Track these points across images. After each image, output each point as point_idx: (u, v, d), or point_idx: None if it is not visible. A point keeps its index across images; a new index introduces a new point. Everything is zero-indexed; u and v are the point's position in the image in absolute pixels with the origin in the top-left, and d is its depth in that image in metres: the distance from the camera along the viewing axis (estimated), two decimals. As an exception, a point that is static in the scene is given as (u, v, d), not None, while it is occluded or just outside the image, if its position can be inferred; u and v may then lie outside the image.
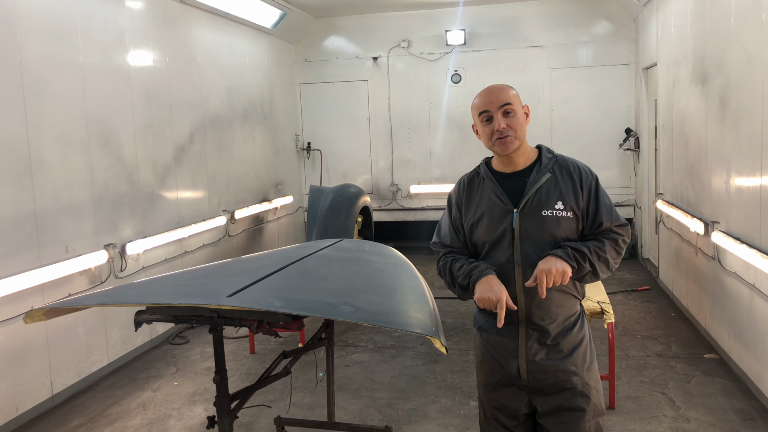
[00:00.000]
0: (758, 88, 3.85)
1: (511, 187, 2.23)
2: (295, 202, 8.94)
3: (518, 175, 2.24)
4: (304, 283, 2.66)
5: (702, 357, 4.77)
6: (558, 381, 2.21)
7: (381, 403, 4.20)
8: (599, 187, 2.25)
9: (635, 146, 7.95)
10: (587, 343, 2.27)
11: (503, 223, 2.20)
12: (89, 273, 4.65)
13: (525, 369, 2.21)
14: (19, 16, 4.05)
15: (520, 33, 8.45)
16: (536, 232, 2.17)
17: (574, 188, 2.20)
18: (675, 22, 5.87)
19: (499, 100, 2.18)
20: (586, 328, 2.29)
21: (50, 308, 2.46)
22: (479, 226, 2.26)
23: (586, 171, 2.26)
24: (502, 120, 2.16)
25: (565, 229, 2.18)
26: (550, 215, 2.17)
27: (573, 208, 2.19)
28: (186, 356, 5.19)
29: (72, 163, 4.49)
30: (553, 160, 2.26)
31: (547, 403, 2.23)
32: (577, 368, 2.22)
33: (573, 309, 2.26)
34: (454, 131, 8.79)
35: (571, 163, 2.27)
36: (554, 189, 2.20)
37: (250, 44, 7.55)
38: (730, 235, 4.28)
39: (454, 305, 6.38)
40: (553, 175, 2.21)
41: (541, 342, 2.21)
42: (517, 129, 2.17)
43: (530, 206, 2.18)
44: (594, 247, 2.15)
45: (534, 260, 2.15)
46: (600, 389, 2.30)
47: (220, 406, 2.57)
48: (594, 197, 2.22)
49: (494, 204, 2.23)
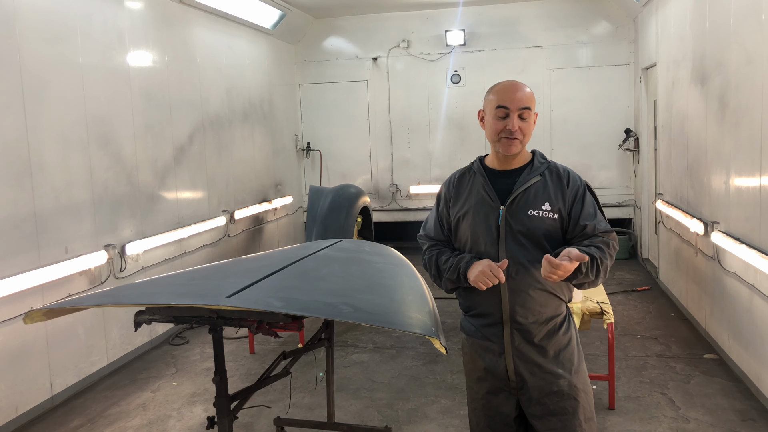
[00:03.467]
0: (758, 88, 3.85)
1: (500, 185, 2.24)
2: (295, 203, 8.94)
3: (509, 173, 2.26)
4: (304, 283, 2.66)
5: (702, 357, 4.77)
6: (545, 383, 2.22)
7: (381, 404, 4.20)
8: (587, 193, 2.25)
9: (635, 146, 7.96)
10: (574, 345, 2.27)
11: (489, 219, 2.21)
12: (89, 273, 4.65)
13: (512, 370, 2.23)
14: (19, 16, 4.05)
15: (520, 33, 8.45)
16: (521, 231, 2.18)
17: (562, 191, 2.21)
18: (674, 22, 5.87)
19: (521, 101, 2.17)
20: (573, 330, 2.29)
21: (50, 309, 2.46)
22: (464, 221, 2.27)
23: (575, 177, 2.27)
24: (517, 122, 2.16)
25: (549, 230, 2.19)
26: (536, 215, 2.18)
27: (560, 210, 2.20)
28: (186, 357, 5.19)
29: (72, 163, 4.49)
30: (545, 164, 2.27)
31: (536, 406, 2.23)
32: (564, 370, 2.22)
33: (558, 310, 2.25)
34: (453, 131, 8.79)
35: (562, 168, 2.28)
36: (543, 191, 2.21)
37: (249, 45, 7.55)
38: (730, 235, 4.28)
39: (453, 305, 6.37)
40: (543, 178, 2.23)
41: (526, 341, 2.21)
42: (526, 134, 2.19)
43: (517, 204, 2.19)
44: (599, 255, 2.12)
45: (517, 258, 2.16)
46: (589, 391, 2.30)
47: (220, 407, 2.57)
48: (580, 200, 2.22)
49: (482, 199, 2.24)
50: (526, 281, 2.18)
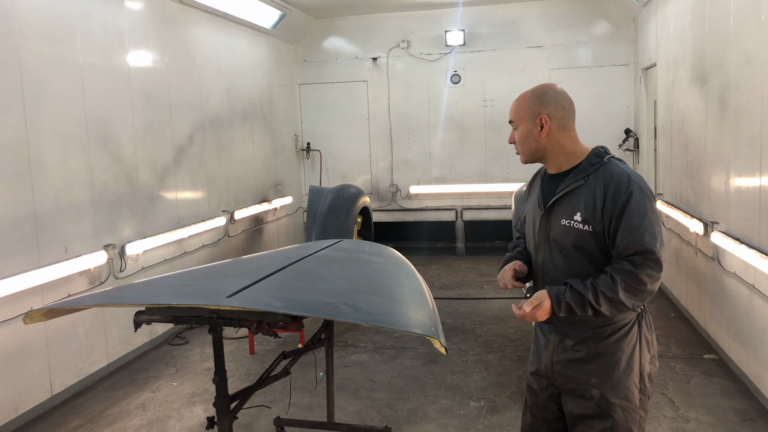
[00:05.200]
0: (757, 88, 3.85)
1: (550, 190, 2.23)
2: (295, 203, 8.94)
3: (558, 177, 2.21)
4: (304, 283, 2.66)
5: (701, 357, 4.77)
6: (578, 387, 2.17)
7: (380, 404, 4.20)
8: (630, 204, 1.99)
9: (635, 147, 7.96)
10: (622, 359, 2.10)
11: (535, 224, 2.24)
12: (89, 273, 4.65)
13: (550, 367, 2.23)
14: (19, 16, 4.05)
15: (520, 33, 8.45)
16: (555, 239, 2.15)
17: (595, 201, 2.05)
18: (674, 22, 5.87)
19: (510, 114, 2.24)
20: (629, 344, 2.11)
21: (50, 309, 2.46)
22: (526, 220, 2.36)
23: (621, 183, 2.02)
24: (512, 134, 2.25)
25: (582, 243, 2.07)
26: (567, 225, 2.10)
27: (591, 221, 2.04)
28: (185, 357, 5.19)
29: (71, 163, 4.49)
30: (596, 166, 2.10)
31: (570, 407, 2.21)
32: (597, 380, 2.12)
33: (609, 320, 2.10)
34: (453, 132, 8.79)
35: (614, 173, 2.06)
36: (579, 198, 2.09)
37: (249, 45, 7.55)
38: (730, 235, 4.28)
39: (453, 306, 6.38)
40: (585, 183, 2.09)
41: (564, 341, 2.20)
42: (518, 143, 2.22)
43: (554, 211, 2.17)
44: (603, 288, 1.99)
45: (550, 266, 2.18)
46: (631, 410, 2.12)
47: (220, 407, 2.57)
48: (618, 213, 2.00)
49: (535, 203, 2.28)
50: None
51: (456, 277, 7.58)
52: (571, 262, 2.12)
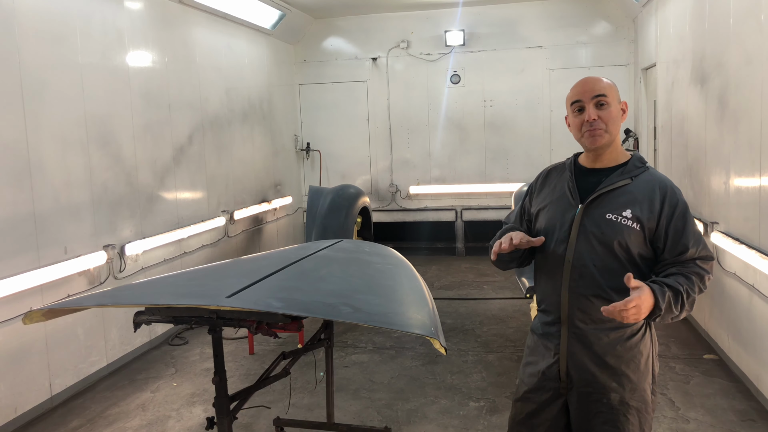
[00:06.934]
0: (757, 88, 3.85)
1: (586, 183, 2.14)
2: (295, 203, 8.94)
3: (598, 172, 2.15)
4: (304, 283, 2.66)
5: (701, 357, 4.77)
6: (594, 391, 2.10)
7: (380, 404, 4.20)
8: (687, 213, 2.07)
9: (635, 147, 7.95)
10: (642, 362, 2.10)
11: (565, 217, 2.13)
12: (88, 274, 4.64)
13: (564, 369, 2.12)
14: (18, 16, 4.04)
15: (520, 34, 8.45)
16: (595, 233, 2.06)
17: (651, 201, 2.05)
18: (674, 22, 5.87)
19: (593, 90, 2.09)
20: (646, 346, 2.11)
21: (49, 309, 2.46)
22: (543, 213, 2.21)
23: (674, 190, 2.09)
24: (594, 111, 2.08)
25: (626, 240, 2.04)
26: (614, 220, 2.04)
27: (643, 220, 2.04)
28: (185, 357, 5.19)
29: (71, 163, 4.49)
30: (642, 169, 2.13)
31: (581, 413, 2.12)
32: (618, 385, 2.09)
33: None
34: (453, 132, 8.78)
35: (661, 178, 2.12)
36: (629, 196, 2.07)
37: (249, 45, 7.55)
38: (730, 235, 4.28)
39: (453, 306, 6.38)
40: (633, 182, 2.09)
41: (583, 347, 2.10)
42: (608, 122, 2.08)
43: (598, 205, 2.08)
44: (688, 288, 1.98)
45: (585, 261, 2.06)
46: (644, 411, 2.11)
47: (220, 407, 2.57)
48: (680, 217, 2.05)
49: (563, 195, 2.17)
50: (588, 286, 2.06)
51: (456, 278, 7.58)
52: (607, 257, 2.05)
